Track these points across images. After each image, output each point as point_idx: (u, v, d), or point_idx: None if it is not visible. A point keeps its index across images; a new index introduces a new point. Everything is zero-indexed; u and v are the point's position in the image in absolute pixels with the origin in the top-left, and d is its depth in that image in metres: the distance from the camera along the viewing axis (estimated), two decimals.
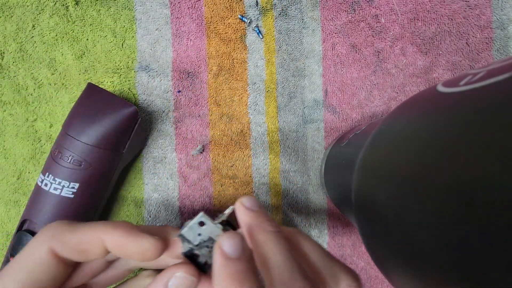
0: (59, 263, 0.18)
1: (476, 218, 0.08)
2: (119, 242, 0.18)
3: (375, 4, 0.32)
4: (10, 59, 0.32)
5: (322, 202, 0.33)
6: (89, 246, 0.18)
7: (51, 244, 0.18)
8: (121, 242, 0.18)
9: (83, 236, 0.18)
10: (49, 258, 0.18)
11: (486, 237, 0.08)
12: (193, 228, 0.20)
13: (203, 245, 0.20)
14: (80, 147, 0.26)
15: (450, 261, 0.09)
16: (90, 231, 0.18)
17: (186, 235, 0.20)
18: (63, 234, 0.18)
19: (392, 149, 0.14)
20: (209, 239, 0.20)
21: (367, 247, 0.16)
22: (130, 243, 0.18)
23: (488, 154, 0.08)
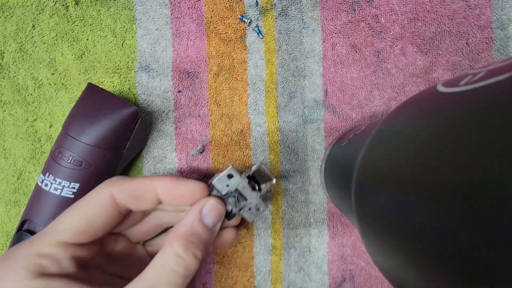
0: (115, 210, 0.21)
1: (476, 218, 0.08)
2: (170, 186, 0.21)
3: (375, 4, 0.32)
4: (10, 59, 0.32)
5: (322, 202, 0.33)
6: (144, 193, 0.21)
7: (112, 189, 0.20)
8: (172, 186, 0.21)
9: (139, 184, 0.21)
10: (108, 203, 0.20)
11: (487, 237, 0.08)
12: (222, 179, 0.22)
13: (230, 195, 0.22)
14: (81, 147, 0.26)
15: (450, 262, 0.09)
16: (145, 180, 0.21)
17: (216, 184, 0.22)
18: (123, 182, 0.21)
19: (392, 149, 0.14)
20: (235, 190, 0.22)
21: (367, 247, 0.16)
22: (180, 186, 0.21)
23: (488, 154, 0.08)
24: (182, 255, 0.19)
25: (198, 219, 0.21)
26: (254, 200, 0.23)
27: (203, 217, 0.21)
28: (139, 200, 0.21)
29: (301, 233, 0.32)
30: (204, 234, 0.21)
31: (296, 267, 0.32)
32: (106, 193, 0.20)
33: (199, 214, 0.21)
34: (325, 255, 0.32)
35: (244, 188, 0.22)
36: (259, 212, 0.23)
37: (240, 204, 0.23)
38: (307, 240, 0.32)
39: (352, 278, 0.32)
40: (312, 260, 0.32)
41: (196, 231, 0.20)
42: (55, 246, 0.19)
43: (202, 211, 0.21)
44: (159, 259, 0.19)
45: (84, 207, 0.20)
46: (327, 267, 0.32)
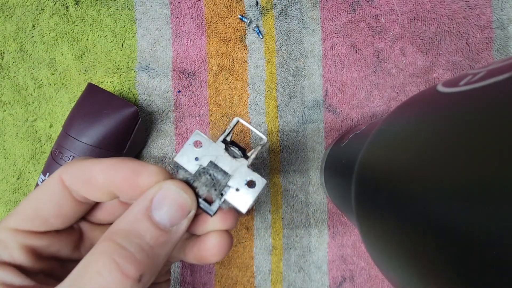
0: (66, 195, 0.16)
1: (476, 218, 0.08)
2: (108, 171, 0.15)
3: (375, 4, 0.32)
4: (10, 59, 0.32)
5: (322, 202, 0.33)
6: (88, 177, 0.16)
7: (63, 172, 0.16)
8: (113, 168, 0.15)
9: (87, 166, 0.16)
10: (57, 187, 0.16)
11: (487, 236, 0.08)
12: (187, 151, 0.15)
13: (201, 172, 0.15)
14: (81, 148, 0.26)
15: (451, 262, 0.09)
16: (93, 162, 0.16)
17: (179, 160, 0.15)
18: (74, 164, 0.16)
19: (392, 149, 0.14)
20: (210, 164, 0.15)
21: (367, 247, 0.16)
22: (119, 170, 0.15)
23: (488, 153, 0.08)
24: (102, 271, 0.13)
25: (143, 211, 0.14)
26: (241, 174, 0.15)
27: (153, 209, 0.14)
28: (86, 187, 0.16)
29: (301, 233, 0.32)
30: (151, 237, 0.14)
31: (296, 267, 0.32)
32: (56, 176, 0.16)
33: (147, 203, 0.14)
34: (325, 255, 0.32)
35: (221, 158, 0.15)
36: (254, 190, 0.15)
37: (219, 184, 0.15)
38: (307, 240, 0.32)
39: (352, 278, 0.32)
40: (312, 260, 0.32)
41: (135, 230, 0.14)
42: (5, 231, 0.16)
43: (153, 201, 0.14)
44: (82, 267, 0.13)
45: (35, 191, 0.16)
46: (327, 267, 0.32)
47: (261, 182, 0.15)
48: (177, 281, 0.32)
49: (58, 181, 0.16)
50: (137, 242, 0.13)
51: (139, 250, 0.13)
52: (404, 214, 0.12)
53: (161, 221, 0.14)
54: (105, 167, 0.15)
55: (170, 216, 0.14)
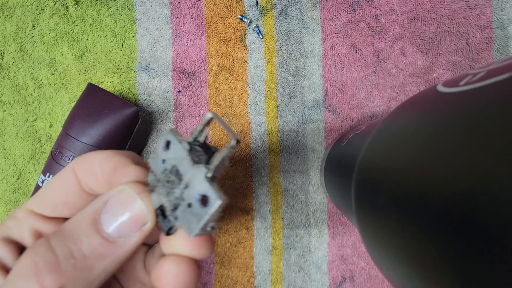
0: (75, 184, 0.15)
1: (476, 217, 0.08)
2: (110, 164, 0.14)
3: (375, 4, 0.32)
4: (10, 59, 0.32)
5: (322, 202, 0.33)
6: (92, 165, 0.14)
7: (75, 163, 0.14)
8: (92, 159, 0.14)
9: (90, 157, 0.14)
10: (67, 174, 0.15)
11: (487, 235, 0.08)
12: (159, 152, 0.13)
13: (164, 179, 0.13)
14: (81, 148, 0.26)
15: (451, 261, 0.09)
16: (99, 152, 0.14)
17: (151, 162, 0.13)
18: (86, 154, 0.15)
19: (392, 149, 0.14)
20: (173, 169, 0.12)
21: (367, 247, 0.16)
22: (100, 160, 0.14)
23: (487, 153, 0.08)
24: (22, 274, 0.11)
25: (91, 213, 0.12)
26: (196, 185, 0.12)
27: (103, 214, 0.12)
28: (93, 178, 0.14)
29: (301, 233, 0.32)
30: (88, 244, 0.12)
31: (296, 267, 0.32)
32: (70, 166, 0.15)
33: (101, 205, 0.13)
34: (325, 255, 0.32)
35: (184, 165, 0.12)
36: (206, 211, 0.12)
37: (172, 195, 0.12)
38: (307, 240, 0.32)
39: (352, 278, 0.32)
40: (312, 260, 0.32)
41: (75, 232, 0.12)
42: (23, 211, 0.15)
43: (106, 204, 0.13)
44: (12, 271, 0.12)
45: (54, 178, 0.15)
46: (327, 267, 0.32)
47: (215, 202, 0.11)
48: None
49: (71, 170, 0.15)
50: (69, 247, 0.11)
51: (67, 257, 0.11)
52: (404, 214, 0.12)
53: (107, 230, 0.12)
54: (102, 158, 0.14)
55: (119, 225, 0.12)
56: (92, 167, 0.14)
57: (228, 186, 0.33)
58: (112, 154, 0.14)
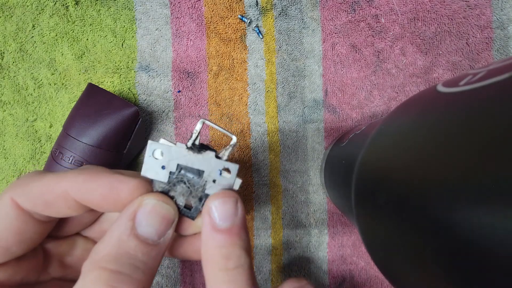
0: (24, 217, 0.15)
1: (475, 216, 0.08)
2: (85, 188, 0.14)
3: (375, 4, 0.32)
4: (10, 59, 0.32)
5: (322, 202, 0.33)
6: (53, 197, 0.15)
7: (13, 194, 0.15)
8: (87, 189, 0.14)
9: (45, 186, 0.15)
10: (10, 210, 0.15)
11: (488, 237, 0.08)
12: (151, 163, 0.15)
13: (175, 181, 0.15)
14: (81, 148, 0.26)
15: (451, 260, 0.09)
16: (54, 180, 0.15)
17: (148, 174, 0.15)
18: (27, 184, 0.15)
19: (392, 149, 0.14)
20: (178, 169, 0.15)
21: (367, 247, 0.16)
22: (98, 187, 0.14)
23: (488, 153, 0.08)
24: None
25: (129, 231, 0.14)
26: (212, 166, 0.15)
27: (139, 227, 0.14)
28: (49, 206, 0.15)
29: (301, 233, 0.32)
30: (142, 254, 0.14)
31: (296, 267, 0.32)
32: (6, 200, 0.15)
33: (130, 223, 0.14)
34: (325, 255, 0.32)
35: (189, 160, 0.15)
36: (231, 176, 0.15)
37: (195, 189, 0.15)
38: (307, 240, 0.32)
39: (352, 278, 0.32)
40: (312, 260, 0.32)
41: (125, 252, 0.13)
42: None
43: (137, 219, 0.14)
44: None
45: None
46: (327, 267, 0.32)
47: (233, 167, 0.15)
48: (177, 281, 0.32)
49: (11, 205, 0.15)
50: (130, 262, 0.13)
51: (135, 270, 0.13)
52: (404, 214, 0.12)
53: (149, 237, 0.14)
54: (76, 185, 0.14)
55: (156, 230, 0.14)
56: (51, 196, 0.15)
57: None
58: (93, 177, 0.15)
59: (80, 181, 0.14)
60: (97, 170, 0.15)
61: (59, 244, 0.18)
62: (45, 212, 0.15)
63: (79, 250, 0.19)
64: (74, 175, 0.15)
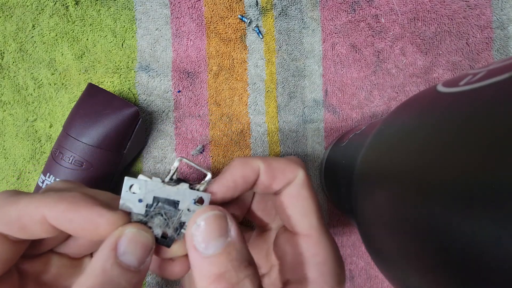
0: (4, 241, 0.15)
1: (475, 215, 0.08)
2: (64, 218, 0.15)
3: (375, 4, 0.32)
4: (10, 59, 0.32)
5: (322, 202, 0.33)
6: (30, 222, 0.15)
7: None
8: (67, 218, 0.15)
9: (23, 210, 0.15)
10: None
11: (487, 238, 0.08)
12: (128, 196, 0.16)
13: (153, 213, 0.16)
14: (81, 148, 0.26)
15: (450, 260, 0.09)
16: (32, 204, 0.15)
17: (126, 207, 0.16)
18: (2, 207, 0.15)
19: (392, 149, 0.14)
20: (155, 202, 0.16)
21: (367, 247, 0.16)
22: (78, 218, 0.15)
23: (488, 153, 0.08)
24: None
25: (111, 261, 0.14)
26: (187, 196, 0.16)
27: (121, 256, 0.14)
28: (24, 230, 0.15)
29: None
30: (126, 279, 0.14)
31: None
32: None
33: (113, 252, 0.14)
34: None
35: (164, 192, 0.16)
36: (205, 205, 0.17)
37: (172, 219, 0.16)
38: None
39: (352, 278, 0.32)
40: None
41: (111, 279, 0.14)
42: None
43: (118, 248, 0.15)
44: None
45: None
46: None
47: (207, 197, 0.16)
48: (177, 281, 0.32)
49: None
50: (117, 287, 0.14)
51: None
52: (404, 214, 0.12)
53: (131, 264, 0.15)
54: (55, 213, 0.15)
55: (137, 257, 0.15)
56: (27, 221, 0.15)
57: None
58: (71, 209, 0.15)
59: (59, 210, 0.15)
60: (76, 199, 0.15)
61: (33, 262, 0.18)
62: (20, 235, 0.15)
63: (54, 267, 0.19)
64: (54, 201, 0.15)
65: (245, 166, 0.17)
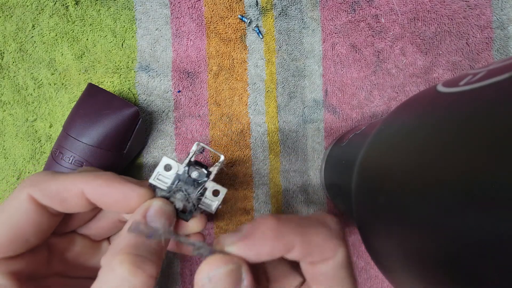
0: (41, 211, 0.17)
1: (475, 215, 0.08)
2: (100, 192, 0.17)
3: (375, 4, 0.32)
4: (10, 59, 0.32)
5: (322, 202, 0.33)
6: (69, 195, 0.17)
7: (30, 191, 0.17)
8: (103, 192, 0.17)
9: (62, 185, 0.17)
10: (28, 205, 0.17)
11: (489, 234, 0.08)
12: (159, 174, 0.19)
13: (176, 191, 0.19)
14: (81, 148, 0.26)
15: (450, 260, 0.09)
16: (70, 180, 0.17)
17: (154, 183, 0.19)
18: (44, 182, 0.17)
19: (392, 149, 0.14)
20: (179, 183, 0.19)
21: (367, 247, 0.16)
22: (113, 192, 0.17)
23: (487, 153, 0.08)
24: (129, 277, 0.15)
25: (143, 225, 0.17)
26: (207, 186, 0.20)
27: (150, 223, 0.17)
28: (63, 203, 0.17)
29: None
30: (154, 243, 0.17)
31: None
32: (24, 196, 0.17)
33: (143, 219, 0.17)
34: None
35: (188, 177, 0.19)
36: (219, 197, 0.20)
37: (191, 197, 0.19)
38: None
39: None
40: None
41: (141, 241, 0.16)
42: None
43: (147, 217, 0.17)
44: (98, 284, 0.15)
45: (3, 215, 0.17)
46: None
47: (223, 191, 0.20)
48: (177, 281, 0.32)
49: (29, 200, 0.17)
50: (146, 249, 0.16)
51: (151, 254, 0.16)
52: (404, 214, 0.12)
53: None
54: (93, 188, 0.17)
55: (162, 224, 0.17)
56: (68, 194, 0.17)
57: (228, 186, 0.33)
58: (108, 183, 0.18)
59: (96, 185, 0.17)
60: (111, 177, 0.18)
61: (60, 240, 0.20)
62: (58, 208, 0.18)
63: (77, 246, 0.21)
64: (91, 178, 0.17)
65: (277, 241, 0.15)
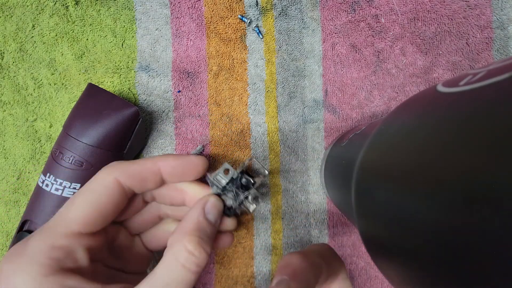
0: (122, 194, 0.21)
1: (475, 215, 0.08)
2: (173, 165, 0.22)
3: (375, 4, 0.32)
4: (10, 59, 0.32)
5: (322, 202, 0.33)
6: (148, 174, 0.21)
7: (116, 174, 0.20)
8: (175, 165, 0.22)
9: (143, 166, 0.21)
10: (115, 187, 0.20)
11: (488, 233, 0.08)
12: (219, 175, 0.24)
13: (228, 190, 0.24)
14: (81, 148, 0.26)
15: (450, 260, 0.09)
16: (149, 162, 0.22)
17: (214, 180, 0.24)
18: (126, 165, 0.21)
19: (392, 149, 0.14)
20: (232, 185, 0.24)
21: (366, 247, 0.16)
22: (182, 164, 0.22)
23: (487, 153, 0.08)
24: (193, 251, 0.19)
25: (202, 215, 0.21)
26: (251, 192, 0.24)
27: (207, 214, 0.22)
28: (143, 182, 0.21)
29: (301, 233, 0.32)
30: (209, 230, 0.21)
31: None
32: (111, 178, 0.20)
33: (203, 211, 0.22)
34: None
35: (239, 182, 0.24)
36: (258, 202, 0.25)
37: (238, 198, 0.24)
38: (307, 240, 0.32)
39: (352, 278, 0.32)
40: None
41: (203, 227, 0.21)
42: (69, 237, 0.19)
43: (205, 209, 0.22)
44: (170, 256, 0.19)
45: (91, 194, 0.20)
46: None
47: (261, 198, 0.25)
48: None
49: (115, 183, 0.20)
50: (205, 233, 0.21)
51: (208, 238, 0.21)
52: (404, 214, 0.12)
53: (212, 220, 0.22)
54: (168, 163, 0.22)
55: (215, 217, 0.22)
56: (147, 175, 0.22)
57: None
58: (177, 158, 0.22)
59: (171, 160, 0.22)
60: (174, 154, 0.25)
61: (112, 227, 0.23)
62: (137, 187, 0.22)
63: (121, 236, 0.24)
64: (164, 156, 0.22)
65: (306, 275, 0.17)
